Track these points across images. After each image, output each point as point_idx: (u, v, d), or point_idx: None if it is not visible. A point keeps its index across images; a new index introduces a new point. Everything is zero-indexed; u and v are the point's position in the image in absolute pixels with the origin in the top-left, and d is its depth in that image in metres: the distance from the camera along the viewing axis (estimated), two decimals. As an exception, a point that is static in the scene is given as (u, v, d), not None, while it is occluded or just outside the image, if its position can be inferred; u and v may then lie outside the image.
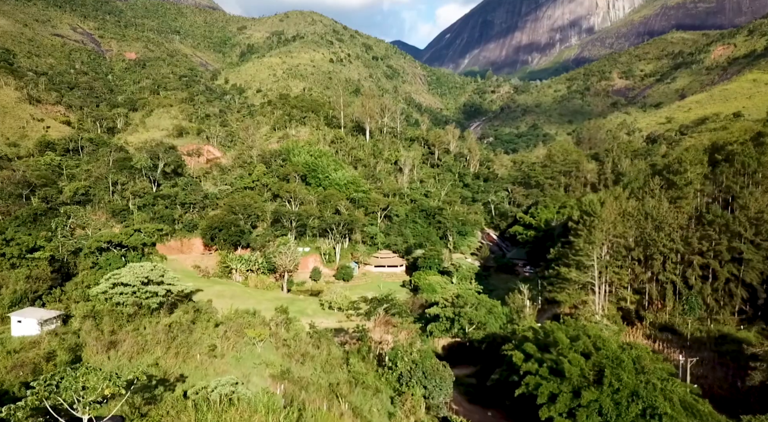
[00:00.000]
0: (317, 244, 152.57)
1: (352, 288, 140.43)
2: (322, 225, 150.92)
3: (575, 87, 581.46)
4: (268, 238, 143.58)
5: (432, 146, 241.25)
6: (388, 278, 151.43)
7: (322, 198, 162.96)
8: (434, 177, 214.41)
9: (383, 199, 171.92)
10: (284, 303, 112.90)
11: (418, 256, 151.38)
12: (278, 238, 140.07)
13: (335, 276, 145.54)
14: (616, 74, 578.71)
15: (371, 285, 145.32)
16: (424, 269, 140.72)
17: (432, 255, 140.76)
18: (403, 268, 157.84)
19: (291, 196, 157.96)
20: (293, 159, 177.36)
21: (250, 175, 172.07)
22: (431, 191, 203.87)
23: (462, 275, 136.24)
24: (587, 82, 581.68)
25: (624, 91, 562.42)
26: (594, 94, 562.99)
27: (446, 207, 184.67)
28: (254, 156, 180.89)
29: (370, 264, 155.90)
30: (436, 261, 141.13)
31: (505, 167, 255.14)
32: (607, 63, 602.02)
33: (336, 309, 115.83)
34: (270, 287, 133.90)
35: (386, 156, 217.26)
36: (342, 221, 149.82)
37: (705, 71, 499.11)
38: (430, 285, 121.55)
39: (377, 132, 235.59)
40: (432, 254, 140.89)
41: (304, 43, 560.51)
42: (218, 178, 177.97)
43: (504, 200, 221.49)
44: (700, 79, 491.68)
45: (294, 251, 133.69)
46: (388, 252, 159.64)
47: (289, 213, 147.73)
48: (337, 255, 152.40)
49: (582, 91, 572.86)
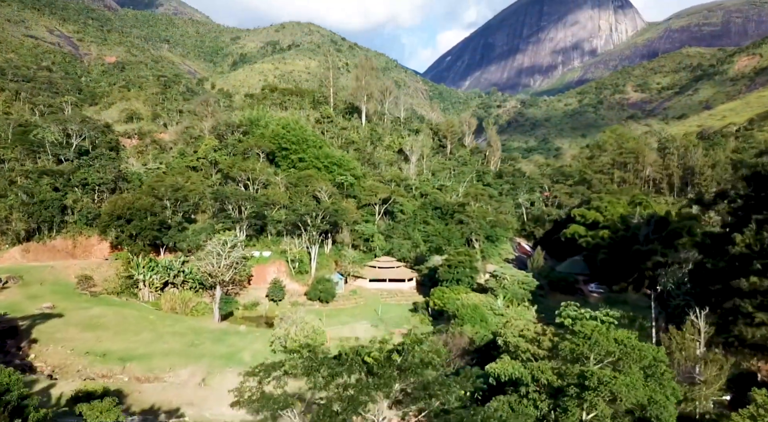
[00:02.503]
0: (283, 247, 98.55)
1: (334, 314, 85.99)
2: (291, 219, 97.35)
3: (587, 100, 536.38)
4: (207, 235, 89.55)
5: (443, 138, 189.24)
6: (391, 298, 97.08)
7: (295, 180, 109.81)
8: (449, 171, 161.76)
9: (383, 188, 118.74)
10: (204, 341, 58.77)
11: (435, 266, 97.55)
12: (220, 234, 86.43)
13: (308, 294, 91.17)
14: (630, 87, 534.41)
15: (364, 309, 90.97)
16: (449, 284, 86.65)
17: (462, 262, 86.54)
18: (413, 283, 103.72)
19: (249, 176, 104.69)
20: (258, 131, 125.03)
21: (196, 152, 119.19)
22: (447, 185, 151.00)
23: (512, 294, 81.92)
24: (600, 96, 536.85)
25: (640, 105, 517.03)
26: (608, 108, 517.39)
27: (470, 203, 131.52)
28: (206, 129, 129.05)
29: (364, 277, 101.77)
30: (468, 271, 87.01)
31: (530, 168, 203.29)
32: (620, 76, 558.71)
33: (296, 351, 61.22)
34: (197, 310, 79.52)
35: (387, 142, 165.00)
36: (322, 212, 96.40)
37: (730, 82, 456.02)
38: (473, 310, 65.64)
39: (376, 118, 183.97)
40: (461, 260, 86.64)
41: (300, 51, 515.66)
42: (155, 156, 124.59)
43: (538, 201, 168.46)
44: (725, 91, 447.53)
45: (237, 250, 79.74)
46: (389, 260, 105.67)
47: (237, 195, 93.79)
48: (312, 264, 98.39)
49: (594, 104, 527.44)
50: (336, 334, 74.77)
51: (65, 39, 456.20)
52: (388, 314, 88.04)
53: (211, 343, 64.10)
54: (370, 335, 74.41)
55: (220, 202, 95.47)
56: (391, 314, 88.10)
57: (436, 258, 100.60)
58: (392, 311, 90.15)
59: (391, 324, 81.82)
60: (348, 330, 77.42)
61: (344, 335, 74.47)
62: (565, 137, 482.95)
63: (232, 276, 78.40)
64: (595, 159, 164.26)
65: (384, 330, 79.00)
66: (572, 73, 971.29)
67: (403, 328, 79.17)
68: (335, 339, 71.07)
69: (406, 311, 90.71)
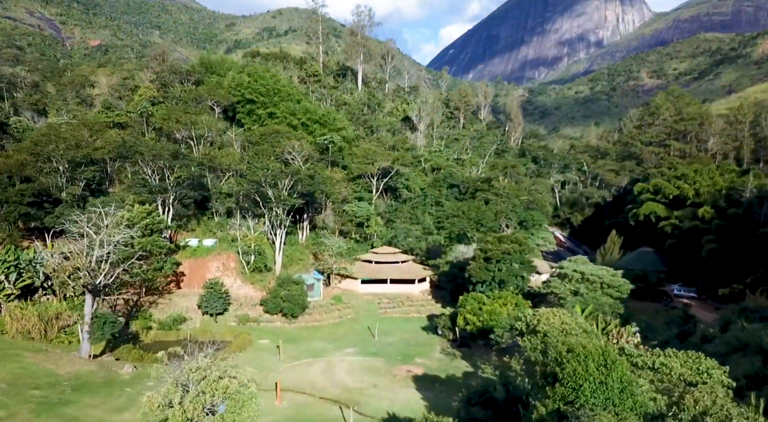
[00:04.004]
0: (234, 232, 65.20)
1: (302, 338, 53.01)
2: (245, 189, 64.16)
3: (599, 87, 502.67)
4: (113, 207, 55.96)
5: (455, 110, 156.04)
6: (394, 308, 63.81)
7: (257, 138, 76.55)
8: (466, 141, 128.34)
9: (383, 154, 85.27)
10: (20, 409, 25.19)
11: (460, 260, 64.57)
12: (137, 207, 53.53)
13: (267, 305, 57.85)
14: (645, 73, 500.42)
15: (351, 326, 57.87)
16: (487, 287, 53.52)
17: (507, 253, 52.89)
18: (426, 286, 70.58)
19: (191, 132, 71.47)
20: (215, 79, 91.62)
21: (129, 103, 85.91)
22: (464, 158, 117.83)
23: (593, 304, 48.40)
24: (613, 83, 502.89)
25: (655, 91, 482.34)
26: (622, 95, 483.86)
27: (498, 177, 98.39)
28: (146, 77, 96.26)
29: (354, 276, 68.40)
30: (518, 268, 53.61)
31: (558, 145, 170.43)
32: (634, 62, 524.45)
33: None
34: (70, 335, 46.72)
35: (389, 109, 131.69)
36: (291, 179, 63.17)
37: (754, 66, 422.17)
38: (603, 367, 27.54)
39: (375, 83, 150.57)
40: (508, 250, 52.93)
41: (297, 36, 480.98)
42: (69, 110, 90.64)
43: (571, 183, 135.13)
44: (750, 74, 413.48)
45: (124, 231, 46.40)
46: (391, 251, 72.39)
47: (154, 152, 59.81)
48: (277, 257, 65.24)
49: (607, 91, 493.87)
50: (298, 379, 41.73)
51: (47, 21, 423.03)
52: (389, 335, 54.95)
53: (31, 416, 31.02)
54: (359, 381, 41.74)
55: (130, 162, 62.10)
56: (394, 336, 54.98)
57: (460, 248, 67.26)
58: (396, 330, 57.06)
59: (395, 356, 48.82)
60: (320, 371, 44.43)
61: (313, 381, 41.44)
62: (577, 125, 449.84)
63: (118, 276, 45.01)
64: (645, 129, 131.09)
65: (383, 367, 46.08)
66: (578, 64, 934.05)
67: (415, 366, 46.05)
68: (296, 392, 38.12)
69: (418, 329, 57.57)
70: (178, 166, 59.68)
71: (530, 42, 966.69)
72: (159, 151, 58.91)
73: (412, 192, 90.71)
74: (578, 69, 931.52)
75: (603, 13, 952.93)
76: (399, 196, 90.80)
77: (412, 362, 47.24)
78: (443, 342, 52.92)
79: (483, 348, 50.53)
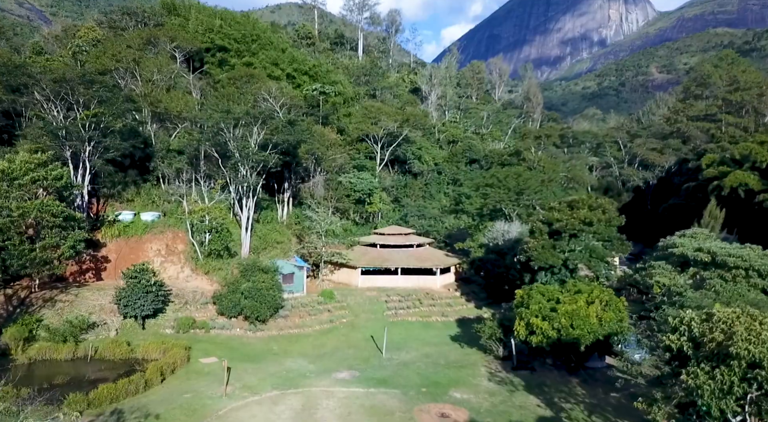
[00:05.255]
0: (184, 204, 46.44)
1: (269, 356, 33.37)
2: (197, 140, 45.50)
3: (607, 83, 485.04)
4: None
5: (467, 86, 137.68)
6: (407, 308, 44.53)
7: (227, 81, 58.01)
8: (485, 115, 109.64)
9: (389, 112, 66.41)
10: None
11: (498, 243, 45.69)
12: (21, 155, 34.98)
13: (221, 303, 38.95)
14: (654, 68, 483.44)
15: (346, 337, 38.41)
16: (553, 276, 34.86)
17: (587, 222, 34.18)
18: (451, 278, 51.49)
19: (136, 70, 52.85)
20: (178, 22, 72.94)
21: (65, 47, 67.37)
22: (484, 133, 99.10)
23: (744, 300, 30.13)
24: (621, 78, 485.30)
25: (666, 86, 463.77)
26: (631, 90, 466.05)
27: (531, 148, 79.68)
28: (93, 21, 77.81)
29: (351, 263, 49.33)
30: (601, 248, 34.87)
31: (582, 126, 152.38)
32: (643, 57, 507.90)
33: None
34: None
35: (393, 80, 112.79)
36: (265, 127, 44.40)
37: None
38: None
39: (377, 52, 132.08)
40: (586, 218, 34.24)
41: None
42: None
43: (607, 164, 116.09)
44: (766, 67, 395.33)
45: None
46: (403, 231, 53.46)
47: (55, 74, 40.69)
48: (243, 236, 46.42)
49: (616, 87, 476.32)
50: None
51: (37, 12, 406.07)
52: (404, 350, 35.88)
53: None
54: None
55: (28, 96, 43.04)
56: (411, 350, 35.91)
57: (497, 227, 48.23)
58: (413, 340, 38.03)
59: (417, 386, 29.70)
60: (292, 414, 25.44)
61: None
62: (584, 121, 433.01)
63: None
64: (691, 102, 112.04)
65: (399, 406, 26.83)
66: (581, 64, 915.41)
67: (454, 407, 26.91)
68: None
69: (445, 340, 38.47)
70: (97, 101, 40.76)
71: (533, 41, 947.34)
72: (61, 76, 40.02)
73: (426, 164, 71.91)
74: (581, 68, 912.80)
75: (606, 12, 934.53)
76: (409, 169, 72.06)
77: (447, 397, 28.17)
78: (489, 360, 33.85)
79: (555, 373, 31.56)
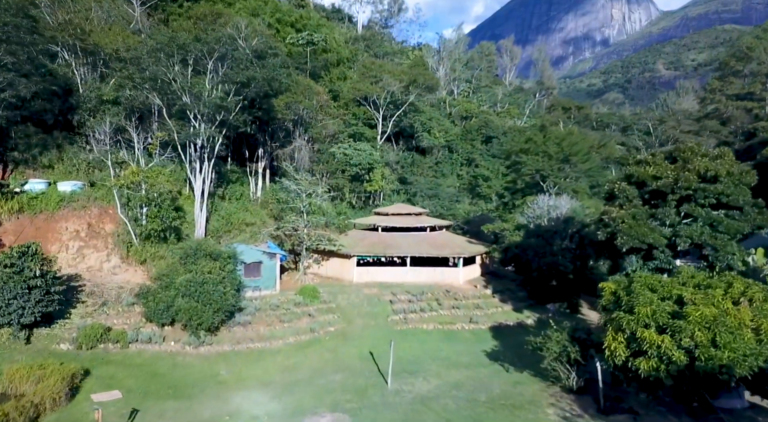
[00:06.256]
0: (109, 163, 34.24)
1: (214, 387, 19.81)
2: (130, 85, 33.34)
3: (613, 80, 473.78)
4: None
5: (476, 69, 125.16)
6: (419, 313, 31.97)
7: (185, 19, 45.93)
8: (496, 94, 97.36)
9: (392, 70, 54.25)
10: None
11: (542, 223, 33.22)
12: None
13: (148, 305, 26.75)
14: (661, 65, 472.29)
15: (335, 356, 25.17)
16: (644, 264, 22.66)
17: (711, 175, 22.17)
18: (477, 271, 38.87)
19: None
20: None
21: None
22: (500, 110, 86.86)
23: None
24: (627, 75, 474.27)
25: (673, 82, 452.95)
26: (638, 87, 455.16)
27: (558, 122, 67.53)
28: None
29: (344, 252, 36.87)
30: (726, 219, 22.87)
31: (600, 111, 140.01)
32: (649, 54, 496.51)
33: None
34: None
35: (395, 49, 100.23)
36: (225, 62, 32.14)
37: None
38: None
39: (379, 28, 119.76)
40: (710, 168, 22.24)
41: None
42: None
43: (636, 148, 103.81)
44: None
45: None
46: (411, 210, 41.06)
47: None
48: (198, 214, 34.16)
49: (622, 84, 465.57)
50: None
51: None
52: (420, 374, 23.41)
53: None
54: None
55: None
56: (430, 376, 23.39)
57: (541, 202, 35.86)
58: (430, 359, 25.67)
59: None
60: None
61: None
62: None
63: None
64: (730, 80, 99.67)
65: None
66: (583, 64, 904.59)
67: None
68: None
69: (478, 358, 26.01)
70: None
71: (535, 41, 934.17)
72: None
73: (436, 139, 59.57)
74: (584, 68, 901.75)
75: (609, 12, 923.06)
76: (417, 145, 59.72)
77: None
78: (556, 394, 21.41)
79: (672, 420, 19.06)
